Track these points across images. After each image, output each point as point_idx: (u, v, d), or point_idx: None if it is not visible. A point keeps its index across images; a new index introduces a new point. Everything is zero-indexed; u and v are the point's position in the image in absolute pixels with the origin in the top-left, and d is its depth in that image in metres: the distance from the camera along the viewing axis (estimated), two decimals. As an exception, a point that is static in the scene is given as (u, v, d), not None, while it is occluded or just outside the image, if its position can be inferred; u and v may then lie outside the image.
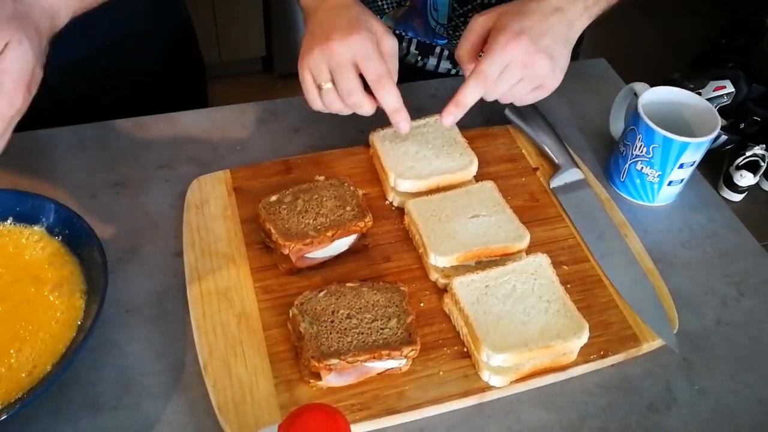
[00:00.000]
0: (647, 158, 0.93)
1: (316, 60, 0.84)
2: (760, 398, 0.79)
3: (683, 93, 0.96)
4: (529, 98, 0.88)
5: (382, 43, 0.86)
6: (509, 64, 0.83)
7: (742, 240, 0.95)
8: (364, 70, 0.84)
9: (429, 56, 1.23)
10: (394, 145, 0.96)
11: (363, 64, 0.83)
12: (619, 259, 0.89)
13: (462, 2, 1.11)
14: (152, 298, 0.84)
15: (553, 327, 0.77)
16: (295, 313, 0.77)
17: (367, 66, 0.84)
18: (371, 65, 0.84)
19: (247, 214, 0.90)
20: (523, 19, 0.83)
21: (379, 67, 0.84)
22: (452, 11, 1.13)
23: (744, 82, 2.54)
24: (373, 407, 0.74)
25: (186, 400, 0.75)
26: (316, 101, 0.88)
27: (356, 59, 0.83)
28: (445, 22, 1.15)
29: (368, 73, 0.84)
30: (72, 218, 0.81)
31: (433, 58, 1.23)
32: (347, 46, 0.83)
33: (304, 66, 0.86)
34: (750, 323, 0.86)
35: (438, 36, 1.18)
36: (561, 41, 0.85)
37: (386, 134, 0.97)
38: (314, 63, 0.84)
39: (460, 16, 1.13)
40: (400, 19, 1.19)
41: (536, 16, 0.83)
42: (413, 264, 0.88)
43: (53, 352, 0.73)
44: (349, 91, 0.85)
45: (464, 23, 1.14)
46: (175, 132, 1.04)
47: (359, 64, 0.83)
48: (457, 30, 1.15)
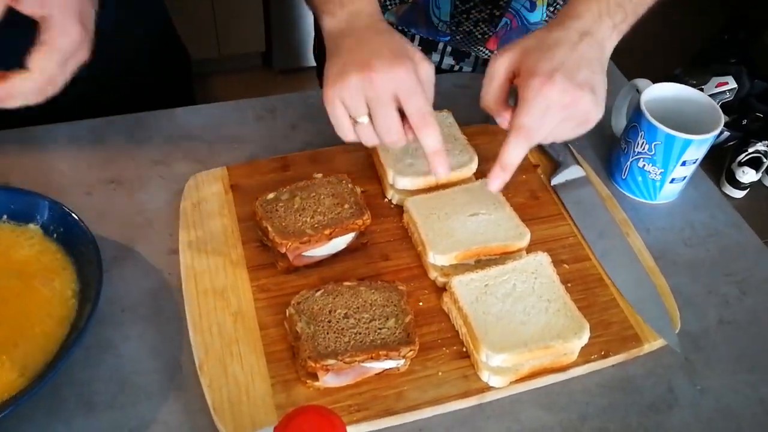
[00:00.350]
0: (649, 155, 0.92)
1: (352, 91, 0.76)
2: (762, 398, 0.78)
3: (686, 89, 0.95)
4: (572, 135, 0.81)
5: (420, 71, 0.78)
6: (548, 109, 0.75)
7: (744, 238, 0.94)
8: (407, 105, 0.76)
9: (432, 52, 1.22)
10: None
11: (407, 99, 0.76)
12: (621, 257, 0.88)
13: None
14: (147, 297, 0.83)
15: (554, 327, 0.76)
16: (292, 312, 0.76)
17: (410, 102, 0.76)
18: (415, 101, 0.76)
19: (243, 212, 0.89)
20: (552, 55, 0.75)
21: (423, 104, 0.76)
22: (454, 8, 1.12)
23: (746, 78, 2.53)
24: (371, 408, 0.73)
25: (181, 399, 0.74)
26: (350, 134, 0.79)
27: (399, 93, 0.76)
28: (448, 19, 1.14)
29: (411, 109, 0.76)
30: (67, 216, 0.81)
31: (436, 55, 1.22)
32: (391, 78, 0.75)
33: (335, 96, 0.77)
34: (752, 322, 0.85)
35: (441, 33, 1.17)
36: (596, 68, 0.78)
37: None
38: (350, 94, 0.76)
39: (462, 13, 1.12)
40: (402, 15, 1.18)
41: (565, 47, 0.76)
42: (412, 262, 0.87)
43: (46, 350, 0.73)
44: (388, 129, 0.78)
45: (467, 19, 1.12)
46: (172, 129, 1.03)
47: (402, 99, 0.76)
48: (459, 26, 1.14)
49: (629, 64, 1.23)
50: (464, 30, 1.14)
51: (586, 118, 0.78)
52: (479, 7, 1.10)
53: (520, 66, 0.78)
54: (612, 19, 0.79)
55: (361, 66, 0.75)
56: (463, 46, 1.18)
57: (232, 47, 2.77)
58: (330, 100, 0.77)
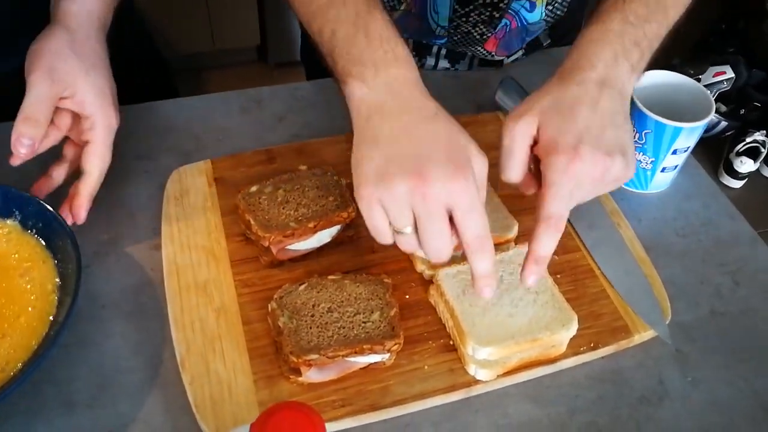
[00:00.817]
0: (640, 144, 0.90)
1: (398, 201, 0.65)
2: (755, 390, 0.76)
3: (677, 77, 0.94)
4: (599, 194, 0.75)
5: (475, 167, 0.68)
6: (577, 188, 0.69)
7: (737, 227, 0.93)
8: (463, 227, 0.66)
9: (426, 56, 1.20)
10: None
11: (463, 220, 0.65)
12: (611, 248, 0.86)
13: (463, 2, 1.08)
14: (129, 293, 0.81)
15: (541, 319, 0.75)
16: (274, 307, 0.75)
17: (468, 223, 0.66)
18: (473, 222, 0.66)
19: (227, 206, 0.88)
20: (574, 120, 0.68)
21: (482, 227, 0.66)
22: (453, 12, 1.10)
23: (744, 67, 2.51)
24: (356, 403, 0.72)
25: (163, 397, 0.73)
26: (388, 239, 0.70)
27: (455, 210, 0.65)
28: (446, 24, 1.12)
29: (468, 232, 0.66)
30: (45, 211, 0.79)
31: (430, 58, 1.20)
32: (448, 193, 0.64)
33: (375, 200, 0.66)
34: (745, 313, 0.83)
35: (437, 37, 1.15)
36: (621, 123, 0.71)
37: None
38: (395, 203, 0.65)
39: (461, 16, 1.10)
40: (396, 21, 1.16)
41: (585, 107, 0.69)
42: (399, 255, 0.85)
43: (27, 347, 0.71)
44: (438, 249, 0.68)
45: (466, 22, 1.11)
46: (156, 122, 1.02)
47: (457, 219, 0.65)
48: (458, 29, 1.12)
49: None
50: (462, 31, 1.12)
51: (618, 181, 0.71)
52: (479, 10, 1.09)
53: (540, 135, 0.70)
54: (629, 60, 0.73)
55: (412, 173, 0.64)
56: (459, 47, 1.17)
57: (226, 41, 2.76)
58: (368, 204, 0.66)
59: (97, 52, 0.83)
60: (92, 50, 0.82)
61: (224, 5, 2.62)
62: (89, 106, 0.80)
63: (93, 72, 0.81)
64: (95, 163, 0.82)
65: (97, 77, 0.81)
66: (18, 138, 0.76)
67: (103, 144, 0.82)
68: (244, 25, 2.74)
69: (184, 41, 2.64)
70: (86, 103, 0.80)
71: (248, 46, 2.86)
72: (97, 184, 0.82)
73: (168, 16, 2.48)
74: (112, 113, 0.82)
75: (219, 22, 2.66)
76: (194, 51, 2.73)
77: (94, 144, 0.81)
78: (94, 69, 0.81)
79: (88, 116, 0.81)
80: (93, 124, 0.81)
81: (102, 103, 0.81)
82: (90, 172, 0.82)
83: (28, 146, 0.77)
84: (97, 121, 0.81)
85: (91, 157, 0.81)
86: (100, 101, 0.81)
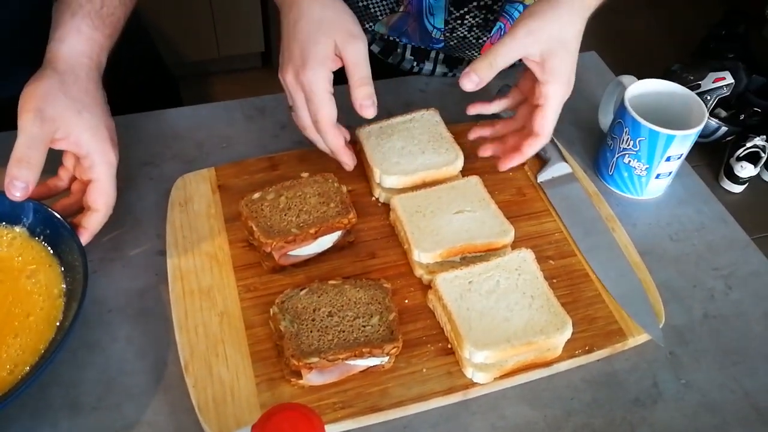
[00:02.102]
0: (634, 151, 0.92)
1: (283, 83, 0.85)
2: (747, 391, 0.78)
3: (670, 85, 0.95)
4: None
5: (346, 52, 0.82)
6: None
7: (730, 232, 0.94)
8: (310, 111, 0.84)
9: (425, 61, 1.22)
10: (379, 141, 0.95)
11: (309, 105, 0.84)
12: (606, 253, 0.88)
13: (458, 5, 1.09)
14: (134, 298, 0.83)
15: (537, 323, 0.76)
16: (276, 311, 0.77)
17: (310, 109, 0.84)
18: (313, 108, 0.83)
19: (230, 212, 0.90)
20: (569, 58, 0.84)
21: (318, 110, 0.83)
22: (449, 15, 1.12)
23: (744, 73, 2.52)
24: (356, 405, 0.74)
25: (167, 400, 0.75)
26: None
27: (306, 97, 0.83)
28: (442, 26, 1.13)
29: (312, 115, 0.84)
30: (52, 217, 0.81)
31: (429, 63, 1.22)
32: (297, 85, 0.83)
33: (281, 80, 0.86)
34: (737, 316, 0.85)
35: (434, 40, 1.17)
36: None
37: (372, 130, 0.97)
38: (283, 85, 0.86)
39: (456, 19, 1.12)
40: (393, 25, 1.18)
41: (571, 51, 0.84)
42: (399, 260, 0.87)
43: (34, 350, 0.73)
44: (302, 127, 0.87)
45: (461, 25, 1.12)
46: (161, 130, 1.04)
47: (308, 104, 0.84)
48: (454, 32, 1.14)
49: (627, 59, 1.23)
50: (458, 36, 1.14)
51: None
52: (473, 13, 1.10)
53: (545, 61, 0.83)
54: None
55: (283, 61, 0.85)
56: (457, 52, 1.18)
57: (231, 48, 2.78)
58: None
59: (89, 92, 0.83)
60: (83, 91, 0.83)
61: (229, 13, 2.64)
62: (85, 146, 0.81)
63: (85, 112, 0.81)
64: (102, 201, 0.83)
65: (90, 117, 0.82)
66: (11, 181, 0.76)
67: (106, 181, 0.83)
68: (249, 32, 2.76)
69: (189, 48, 2.66)
70: (82, 142, 0.81)
71: (253, 53, 2.88)
72: (102, 220, 0.83)
73: (174, 24, 2.51)
74: (109, 150, 0.83)
75: (224, 29, 2.69)
76: (200, 58, 2.75)
77: (98, 182, 0.82)
78: (86, 109, 0.82)
79: (86, 155, 0.81)
80: (92, 162, 0.82)
81: (98, 141, 0.82)
82: (97, 210, 0.83)
83: (22, 189, 0.76)
84: (96, 159, 0.82)
85: (96, 196, 0.82)
86: (96, 140, 0.82)
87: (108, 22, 0.88)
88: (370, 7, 1.16)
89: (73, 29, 0.84)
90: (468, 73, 0.82)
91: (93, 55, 0.85)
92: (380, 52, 1.23)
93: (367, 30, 1.19)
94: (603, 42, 1.28)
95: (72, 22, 0.84)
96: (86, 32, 0.85)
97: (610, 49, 1.21)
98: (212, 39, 2.70)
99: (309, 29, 0.82)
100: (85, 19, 0.85)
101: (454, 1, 1.09)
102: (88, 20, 0.85)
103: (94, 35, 0.86)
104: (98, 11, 0.87)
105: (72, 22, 0.84)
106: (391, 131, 0.96)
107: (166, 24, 2.40)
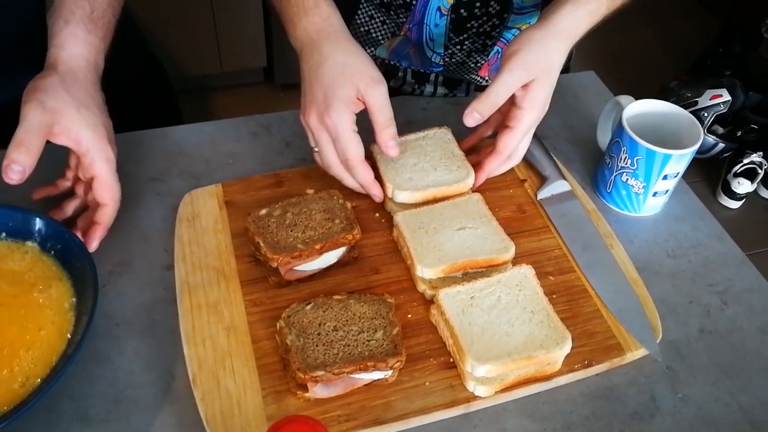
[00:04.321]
0: (632, 170, 0.94)
1: (306, 126, 0.89)
2: (742, 405, 0.79)
3: (667, 105, 0.97)
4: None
5: (369, 97, 0.86)
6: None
7: (726, 249, 0.96)
8: (337, 150, 0.88)
9: (425, 84, 1.24)
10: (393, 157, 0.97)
11: (336, 145, 0.88)
12: (604, 269, 0.90)
13: (457, 32, 1.12)
14: (142, 312, 0.85)
15: (537, 337, 0.78)
16: (282, 325, 0.78)
17: (337, 148, 0.88)
18: (340, 148, 0.87)
19: (237, 228, 0.92)
20: (549, 83, 0.87)
21: (347, 149, 0.87)
22: (448, 40, 1.14)
23: (741, 90, 2.54)
24: (360, 418, 0.75)
25: (174, 412, 0.76)
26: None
27: (331, 138, 0.87)
28: (442, 51, 1.16)
29: (339, 154, 0.88)
30: (64, 233, 0.83)
31: (429, 86, 1.24)
32: (322, 126, 0.87)
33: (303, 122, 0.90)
34: (733, 331, 0.86)
35: (434, 64, 1.19)
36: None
37: None
38: (306, 127, 0.90)
39: (456, 44, 1.14)
40: (394, 50, 1.20)
41: (549, 84, 0.87)
42: (402, 276, 0.89)
43: (46, 363, 0.74)
44: (327, 166, 0.91)
45: (460, 50, 1.15)
46: (168, 146, 1.05)
47: (334, 144, 0.88)
48: (453, 57, 1.16)
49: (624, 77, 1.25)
50: (457, 60, 1.16)
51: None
52: (472, 39, 1.13)
53: (529, 86, 0.86)
54: (587, 6, 0.88)
55: (306, 103, 0.89)
56: (456, 75, 1.21)
57: (234, 63, 2.80)
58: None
59: (88, 92, 0.87)
60: (83, 90, 0.86)
61: (232, 28, 2.66)
62: (85, 142, 0.84)
63: (84, 110, 0.85)
64: (107, 195, 0.87)
65: (89, 114, 0.85)
66: (9, 164, 0.79)
67: (108, 175, 0.86)
68: (251, 48, 2.78)
69: (192, 63, 2.68)
70: (81, 139, 0.84)
71: (255, 68, 2.90)
72: (113, 213, 0.87)
73: (177, 39, 2.52)
74: (107, 147, 0.86)
75: (227, 45, 2.71)
76: (202, 73, 2.77)
77: (99, 178, 0.86)
78: (86, 107, 0.85)
79: (86, 152, 0.85)
80: (92, 159, 0.85)
81: (97, 138, 0.85)
82: (105, 204, 0.87)
83: (19, 173, 0.80)
84: (95, 155, 0.85)
85: (102, 191, 0.86)
86: (95, 137, 0.85)
87: (100, 24, 0.92)
88: (372, 32, 1.18)
89: (69, 35, 0.88)
90: (471, 112, 0.86)
91: (90, 57, 0.89)
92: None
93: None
94: (600, 59, 1.30)
95: (67, 29, 0.88)
96: (82, 36, 0.89)
97: (607, 67, 1.23)
98: (215, 54, 2.72)
99: (333, 73, 0.86)
100: (78, 24, 0.89)
101: (453, 29, 1.11)
102: (82, 25, 0.89)
103: (89, 38, 0.90)
104: (89, 16, 0.90)
105: (67, 29, 0.88)
106: (405, 148, 0.98)
107: (169, 39, 2.42)
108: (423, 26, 1.14)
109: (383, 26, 1.16)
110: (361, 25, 1.17)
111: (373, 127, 0.87)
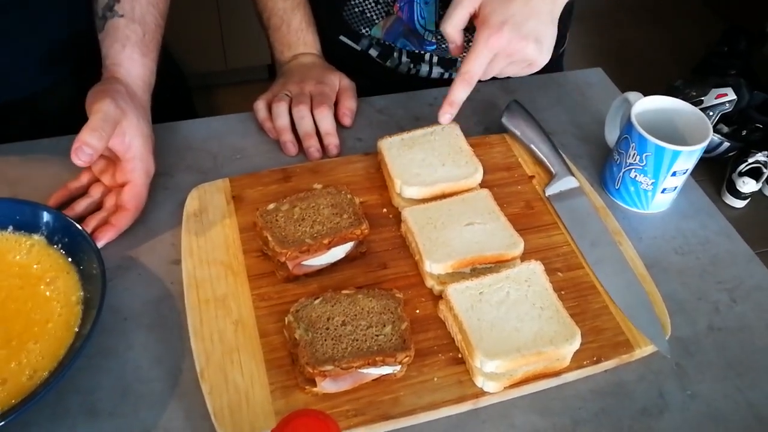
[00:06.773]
0: (640, 166, 0.93)
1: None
2: (751, 403, 0.79)
3: (675, 102, 0.97)
4: (521, 74, 0.93)
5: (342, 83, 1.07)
6: (495, 56, 0.87)
7: (734, 246, 0.96)
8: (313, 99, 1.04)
9: (420, 63, 1.24)
10: (400, 152, 0.97)
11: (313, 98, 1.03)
12: (613, 265, 0.89)
13: (447, 6, 1.12)
14: (150, 306, 0.85)
15: (546, 333, 0.78)
16: (291, 320, 0.78)
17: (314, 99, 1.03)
18: (318, 99, 1.04)
19: (245, 222, 0.92)
20: (506, 8, 0.86)
21: (322, 98, 1.03)
22: (438, 17, 1.14)
23: (746, 89, 2.54)
24: (368, 413, 0.75)
25: (182, 406, 0.76)
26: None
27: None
28: (433, 28, 1.16)
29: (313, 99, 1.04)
30: (71, 226, 0.83)
31: (424, 65, 1.24)
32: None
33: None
34: (742, 329, 0.86)
35: (427, 42, 1.19)
36: (545, 21, 0.88)
37: (393, 142, 0.98)
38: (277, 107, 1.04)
39: None
40: (388, 30, 1.21)
41: (520, 1, 0.86)
42: (410, 271, 0.89)
43: (53, 356, 0.75)
44: (277, 114, 1.03)
45: None
46: (175, 141, 1.05)
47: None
48: None
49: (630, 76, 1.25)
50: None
51: (531, 63, 0.90)
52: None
53: (479, 11, 0.89)
54: None
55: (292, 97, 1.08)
56: (449, 53, 1.21)
57: (238, 60, 2.81)
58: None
59: (143, 106, 0.93)
60: (139, 104, 0.92)
61: (236, 25, 2.66)
62: (135, 149, 0.88)
63: (141, 120, 0.90)
64: (134, 202, 0.90)
65: (143, 125, 0.90)
66: (80, 147, 0.82)
67: (143, 185, 0.90)
68: (256, 45, 2.76)
69: (197, 60, 2.68)
70: (133, 146, 0.88)
71: (259, 65, 2.90)
72: (131, 220, 0.90)
73: (182, 36, 2.51)
74: (151, 160, 0.92)
75: (231, 42, 2.71)
76: (207, 70, 2.77)
77: (134, 185, 0.90)
78: (142, 118, 0.91)
79: (131, 158, 0.89)
80: (134, 167, 0.89)
81: (145, 149, 0.90)
82: (128, 210, 0.89)
83: (89, 155, 0.82)
84: (138, 165, 0.89)
85: (130, 197, 0.89)
86: (144, 148, 0.90)
87: (152, 47, 0.98)
88: (366, 12, 1.19)
89: (126, 58, 0.93)
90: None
91: (146, 78, 0.95)
92: (378, 56, 1.25)
93: (364, 35, 1.23)
94: (606, 59, 1.30)
95: (123, 52, 0.94)
96: (138, 60, 0.94)
97: (613, 65, 1.23)
98: (220, 51, 2.73)
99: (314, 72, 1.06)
100: (135, 48, 0.94)
101: (443, 5, 1.11)
102: (137, 49, 0.94)
103: (144, 61, 0.95)
104: (142, 39, 0.96)
105: (123, 53, 0.94)
106: (412, 143, 0.98)
107: (174, 36, 2.41)
108: (414, 4, 1.14)
109: (377, 6, 1.17)
110: (356, 6, 1.18)
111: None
